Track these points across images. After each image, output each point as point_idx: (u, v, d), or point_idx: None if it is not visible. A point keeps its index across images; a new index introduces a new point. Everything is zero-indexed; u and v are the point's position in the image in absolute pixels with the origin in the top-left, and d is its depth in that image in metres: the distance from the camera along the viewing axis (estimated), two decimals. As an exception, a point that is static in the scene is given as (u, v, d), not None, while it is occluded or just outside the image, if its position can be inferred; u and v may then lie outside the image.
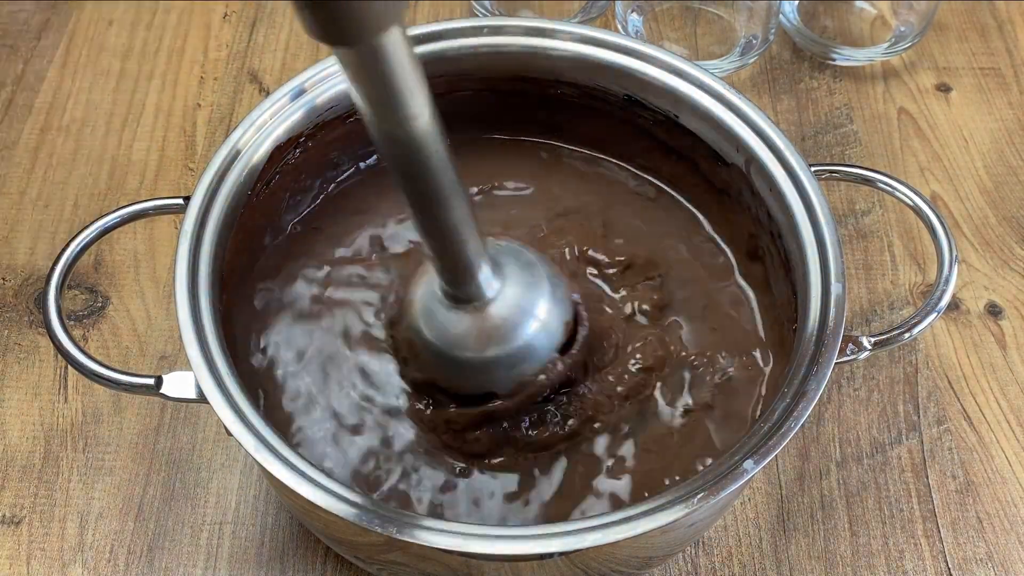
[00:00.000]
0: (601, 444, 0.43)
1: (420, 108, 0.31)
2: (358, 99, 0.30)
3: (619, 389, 0.43)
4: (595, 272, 0.47)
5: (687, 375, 0.44)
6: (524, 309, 0.39)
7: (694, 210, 0.50)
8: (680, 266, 0.48)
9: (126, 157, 0.61)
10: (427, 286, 0.40)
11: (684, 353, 0.45)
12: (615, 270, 0.47)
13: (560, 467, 0.42)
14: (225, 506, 0.48)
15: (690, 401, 0.44)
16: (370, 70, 0.29)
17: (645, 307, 0.46)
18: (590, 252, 0.48)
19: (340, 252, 0.48)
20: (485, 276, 0.38)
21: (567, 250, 0.48)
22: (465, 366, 0.40)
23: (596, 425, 0.43)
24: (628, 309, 0.46)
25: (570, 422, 0.42)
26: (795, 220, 0.42)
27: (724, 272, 0.48)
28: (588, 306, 0.44)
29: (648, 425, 0.43)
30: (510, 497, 0.41)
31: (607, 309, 0.46)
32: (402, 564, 0.39)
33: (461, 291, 0.38)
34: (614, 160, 0.52)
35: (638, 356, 0.44)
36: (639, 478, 0.42)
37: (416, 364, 0.43)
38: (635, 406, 0.43)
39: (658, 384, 0.44)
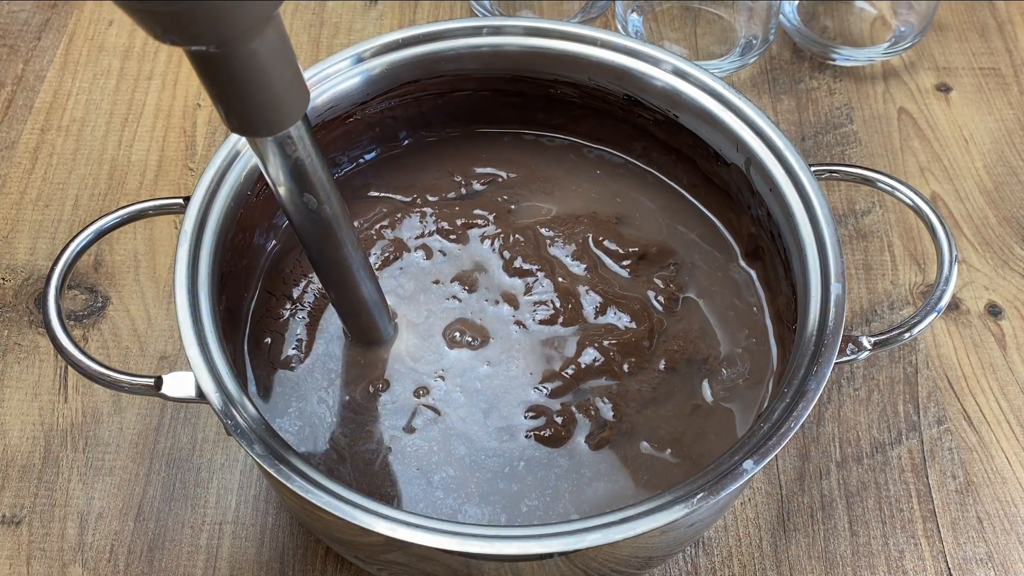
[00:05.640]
0: (626, 443, 0.43)
1: (328, 192, 0.37)
2: (276, 187, 0.36)
3: (642, 387, 0.44)
4: (611, 262, 0.48)
5: (703, 369, 0.45)
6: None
7: (698, 203, 0.50)
8: (691, 257, 0.49)
9: (126, 157, 0.61)
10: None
11: (701, 346, 0.46)
12: (630, 261, 0.48)
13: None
14: (225, 506, 0.48)
15: (708, 394, 0.44)
16: (284, 156, 0.35)
17: (661, 298, 0.47)
18: (605, 242, 0.48)
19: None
20: (384, 323, 0.44)
21: (582, 240, 0.48)
22: None
23: (622, 422, 0.43)
24: (646, 299, 0.47)
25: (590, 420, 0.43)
26: (795, 220, 0.42)
27: (733, 263, 0.48)
28: (608, 296, 0.46)
29: (665, 420, 0.44)
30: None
31: (628, 300, 0.47)
32: (402, 564, 0.39)
33: (364, 337, 0.45)
34: (619, 154, 0.52)
35: (658, 350, 0.45)
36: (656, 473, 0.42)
37: None
38: (655, 401, 0.44)
39: (677, 379, 0.45)
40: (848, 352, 0.40)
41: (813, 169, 0.44)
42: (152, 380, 0.39)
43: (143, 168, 0.60)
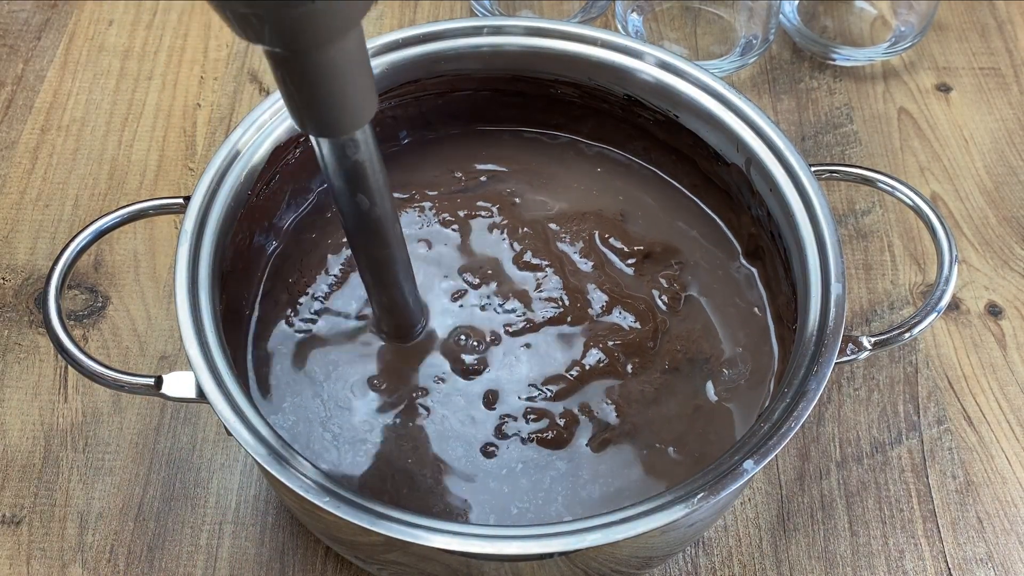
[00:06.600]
0: (629, 443, 0.43)
1: (382, 194, 0.37)
2: (332, 183, 0.36)
3: (645, 388, 0.44)
4: (617, 260, 0.48)
5: (705, 369, 0.45)
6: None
7: (699, 202, 0.50)
8: (693, 256, 0.49)
9: (126, 157, 0.61)
10: None
11: (704, 346, 0.46)
12: (635, 259, 0.48)
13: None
14: (225, 506, 0.48)
15: (712, 394, 0.44)
16: (344, 157, 0.35)
17: (664, 297, 0.47)
18: (611, 240, 0.48)
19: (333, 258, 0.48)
20: (416, 321, 0.45)
21: (589, 236, 0.48)
22: None
23: (626, 423, 0.43)
24: (651, 298, 0.47)
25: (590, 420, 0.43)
26: (795, 220, 0.42)
27: (734, 262, 0.48)
28: (615, 295, 0.46)
29: (667, 421, 0.44)
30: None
31: (634, 299, 0.46)
32: (402, 564, 0.39)
33: (397, 332, 0.45)
34: (621, 152, 0.52)
35: (661, 351, 0.45)
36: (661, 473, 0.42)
37: None
38: (656, 401, 0.44)
39: (679, 379, 0.45)
40: (848, 352, 0.40)
41: (813, 169, 0.44)
42: (152, 380, 0.39)
43: (143, 168, 0.60)
